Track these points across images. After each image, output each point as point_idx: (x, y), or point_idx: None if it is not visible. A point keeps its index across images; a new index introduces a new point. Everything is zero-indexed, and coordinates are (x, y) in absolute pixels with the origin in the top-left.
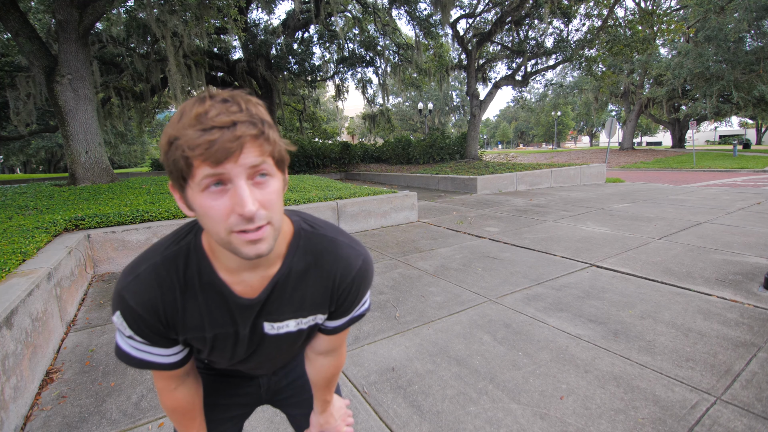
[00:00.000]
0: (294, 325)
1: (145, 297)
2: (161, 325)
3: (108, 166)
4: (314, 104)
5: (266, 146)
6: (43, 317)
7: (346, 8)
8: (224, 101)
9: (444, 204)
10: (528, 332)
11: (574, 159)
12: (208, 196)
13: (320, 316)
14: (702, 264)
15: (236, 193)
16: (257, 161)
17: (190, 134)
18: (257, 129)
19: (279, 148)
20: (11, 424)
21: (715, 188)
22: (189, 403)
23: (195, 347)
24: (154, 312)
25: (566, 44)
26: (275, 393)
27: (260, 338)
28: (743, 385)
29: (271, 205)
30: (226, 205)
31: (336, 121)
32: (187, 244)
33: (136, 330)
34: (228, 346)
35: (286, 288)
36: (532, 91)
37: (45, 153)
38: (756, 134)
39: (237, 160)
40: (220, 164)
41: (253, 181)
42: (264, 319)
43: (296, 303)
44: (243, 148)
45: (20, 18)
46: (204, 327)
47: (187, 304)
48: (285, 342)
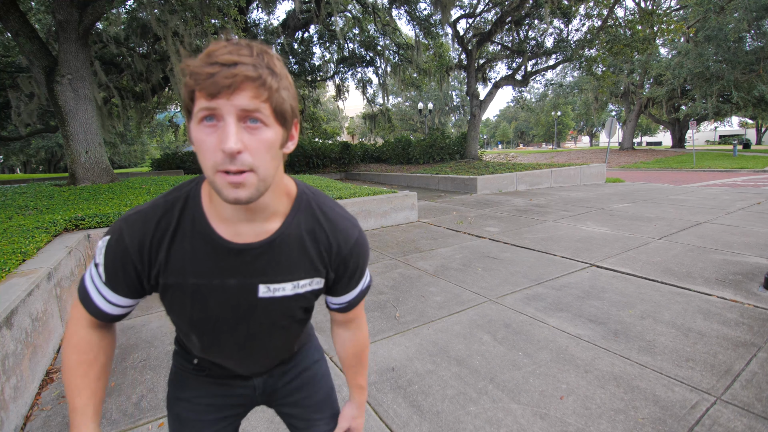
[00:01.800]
0: (290, 288)
1: (139, 231)
2: (140, 262)
3: (108, 166)
4: (314, 104)
5: (262, 91)
6: (43, 317)
7: (346, 8)
8: (238, 45)
9: (444, 204)
10: (528, 332)
11: (574, 159)
12: (201, 129)
13: (317, 280)
14: (702, 264)
15: (223, 129)
16: (249, 104)
17: (196, 65)
18: (256, 72)
19: (280, 98)
20: (11, 424)
21: (715, 188)
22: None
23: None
24: (140, 248)
25: (566, 44)
26: (270, 394)
27: (253, 302)
28: (743, 385)
29: (258, 152)
30: (214, 141)
31: (336, 121)
32: (186, 191)
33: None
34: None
35: (286, 246)
36: (532, 91)
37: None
38: (756, 134)
39: (229, 98)
40: (213, 98)
41: (245, 125)
42: (259, 279)
43: (294, 263)
44: (237, 87)
45: (20, 18)
46: (185, 272)
47: (174, 246)
48: (280, 312)
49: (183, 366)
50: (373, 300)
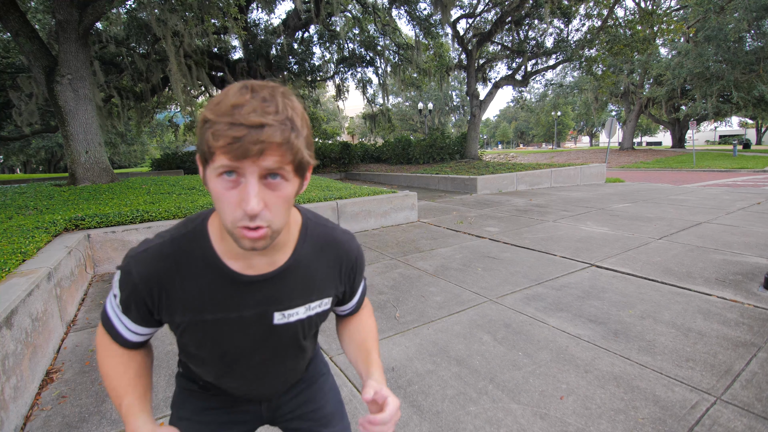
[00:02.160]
0: (303, 312)
1: (148, 270)
2: (151, 300)
3: (108, 166)
4: (314, 104)
5: (288, 155)
6: (43, 317)
7: (346, 8)
8: (264, 100)
9: (444, 204)
10: (528, 332)
11: (574, 159)
12: (221, 182)
13: (326, 300)
14: (702, 264)
15: (245, 189)
16: (275, 166)
17: (219, 124)
18: (283, 137)
19: (302, 156)
20: (11, 424)
21: (715, 188)
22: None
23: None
24: (149, 287)
25: (566, 44)
26: (277, 409)
27: (269, 330)
28: (743, 385)
29: (276, 208)
30: (235, 198)
31: (336, 121)
32: (194, 228)
33: (124, 295)
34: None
35: (297, 273)
36: (532, 91)
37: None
38: (756, 134)
39: (255, 161)
40: (239, 161)
41: (265, 181)
42: (274, 308)
43: (306, 288)
44: (264, 152)
45: (20, 18)
46: (203, 309)
47: (187, 283)
48: (293, 335)
49: (187, 388)
50: (373, 300)
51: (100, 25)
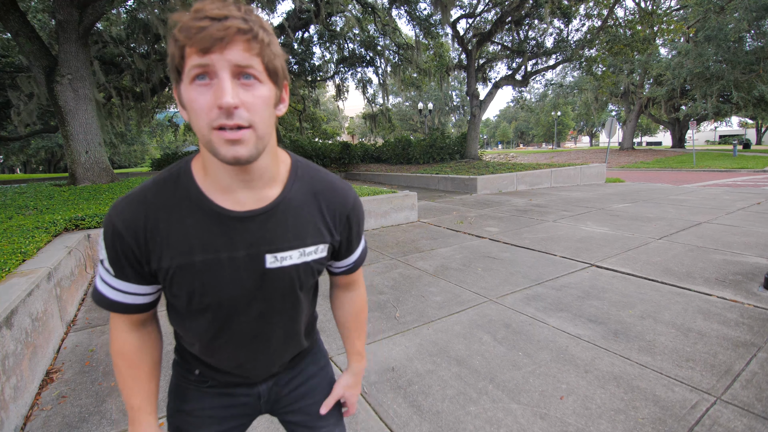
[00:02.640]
0: (298, 256)
1: (130, 215)
2: (137, 248)
3: (108, 166)
4: (314, 104)
5: (254, 45)
6: (43, 317)
7: (346, 8)
8: (225, 1)
9: (444, 204)
10: (528, 332)
11: (574, 159)
12: (194, 89)
13: (321, 247)
14: (702, 264)
15: (218, 85)
16: (243, 59)
17: (185, 21)
18: (247, 25)
19: (271, 53)
20: (11, 424)
21: (715, 188)
22: (137, 350)
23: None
24: (134, 231)
25: (566, 44)
26: (275, 402)
27: (261, 273)
28: (743, 385)
29: (254, 108)
30: (209, 99)
31: (336, 121)
32: (177, 168)
33: (110, 252)
34: (223, 280)
35: (289, 212)
36: (532, 91)
37: (45, 153)
38: (756, 134)
39: (222, 52)
40: (206, 53)
41: (240, 81)
42: (266, 249)
43: (299, 230)
44: (229, 40)
45: (20, 18)
46: (192, 250)
47: (173, 225)
48: (288, 282)
49: (184, 377)
50: (373, 300)
51: (100, 25)
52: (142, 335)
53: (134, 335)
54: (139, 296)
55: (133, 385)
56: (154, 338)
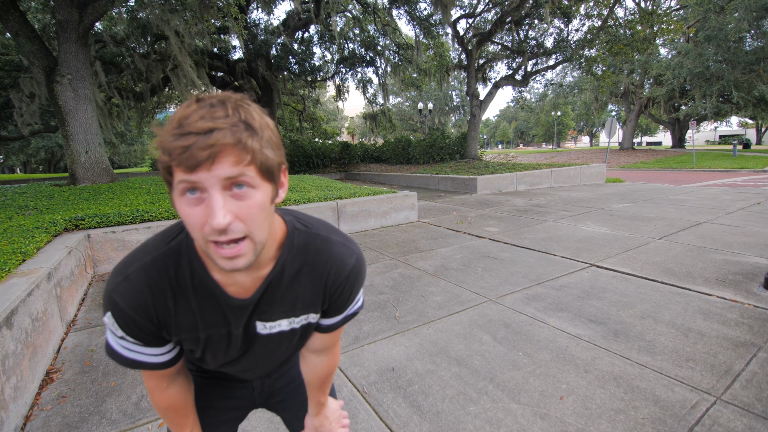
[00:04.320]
0: (286, 325)
1: (136, 299)
2: (153, 325)
3: (108, 166)
4: (314, 104)
5: (245, 156)
6: (43, 317)
7: (346, 8)
8: (212, 106)
9: (444, 204)
10: (528, 332)
11: (574, 159)
12: (185, 202)
13: (312, 315)
14: (702, 264)
15: (209, 204)
16: (233, 172)
17: (168, 138)
18: (235, 138)
19: (264, 156)
20: (11, 424)
21: (715, 188)
22: (181, 400)
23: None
24: (145, 313)
25: (566, 44)
26: (269, 396)
27: (252, 338)
28: (743, 385)
29: (250, 218)
30: (201, 215)
31: (336, 121)
32: (178, 244)
33: (128, 331)
34: (221, 346)
35: (279, 288)
36: (532, 91)
37: (45, 153)
38: (756, 134)
39: (210, 169)
40: (193, 172)
41: (231, 192)
42: (257, 318)
43: (289, 303)
44: (216, 157)
45: (20, 18)
46: (197, 327)
47: (179, 305)
48: (277, 342)
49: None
50: (373, 300)
51: (100, 25)
52: (179, 384)
53: (173, 388)
54: (163, 355)
55: (182, 422)
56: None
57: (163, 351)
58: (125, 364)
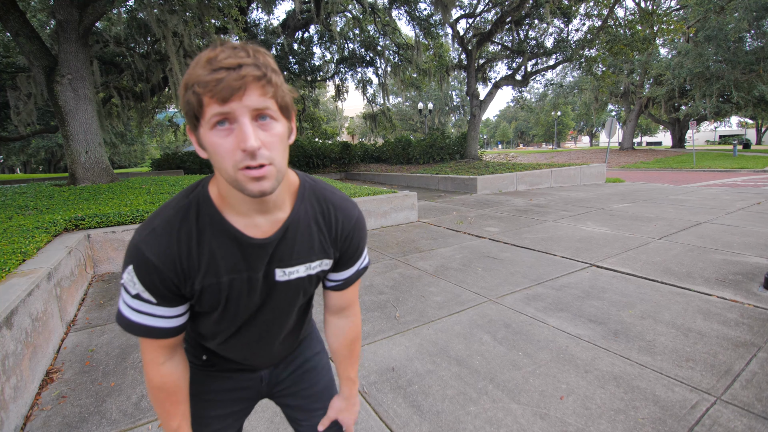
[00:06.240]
0: (304, 271)
1: (163, 248)
2: (176, 276)
3: (108, 166)
4: (314, 104)
5: (269, 89)
6: (43, 317)
7: (346, 8)
8: (234, 48)
9: (444, 204)
10: (528, 332)
11: (574, 159)
12: (216, 134)
13: (326, 261)
14: (702, 264)
15: (240, 130)
16: (260, 103)
17: (200, 74)
18: (260, 71)
19: (282, 92)
20: (11, 424)
21: (715, 188)
22: (174, 381)
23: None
24: (171, 262)
25: (566, 44)
26: (275, 385)
27: (272, 286)
28: (743, 385)
29: (273, 146)
30: (232, 143)
31: (336, 121)
32: (196, 196)
33: (147, 284)
34: (243, 292)
35: (297, 232)
36: (532, 91)
37: (45, 153)
38: (756, 134)
39: (241, 99)
40: (226, 102)
41: (257, 123)
42: (276, 266)
43: (306, 247)
44: (246, 87)
45: (20, 18)
46: (220, 272)
47: (203, 250)
48: (294, 292)
49: (191, 362)
50: (373, 300)
51: (100, 25)
52: (175, 363)
53: (169, 366)
54: (179, 317)
55: (170, 410)
56: (185, 363)
57: (172, 314)
58: (131, 330)
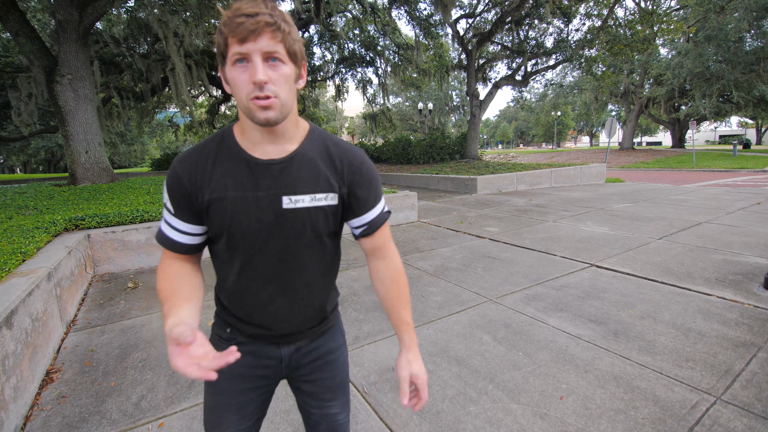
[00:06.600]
0: (309, 201)
1: (187, 162)
2: (190, 184)
3: (108, 166)
4: (314, 104)
5: (278, 34)
6: (43, 317)
7: (346, 8)
8: (255, 1)
9: (444, 204)
10: (528, 332)
11: (574, 159)
12: (235, 69)
13: (331, 195)
14: (702, 264)
15: (253, 67)
16: (269, 46)
17: (227, 17)
18: (272, 19)
19: (291, 40)
20: (11, 424)
21: (715, 188)
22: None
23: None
24: (189, 173)
25: (566, 44)
26: (294, 369)
27: (279, 213)
28: (743, 385)
29: (279, 83)
30: (246, 77)
31: (336, 121)
32: (222, 130)
33: (170, 191)
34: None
35: (303, 162)
36: (532, 91)
37: (45, 153)
38: (756, 134)
39: (255, 41)
40: (243, 43)
41: (268, 63)
42: (282, 191)
43: (312, 177)
44: (260, 32)
45: (20, 18)
46: (226, 187)
47: (216, 168)
48: (302, 223)
49: (218, 336)
50: (373, 300)
51: (100, 25)
52: (183, 267)
53: (177, 264)
54: (189, 236)
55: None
56: (195, 271)
57: (185, 229)
58: (157, 237)
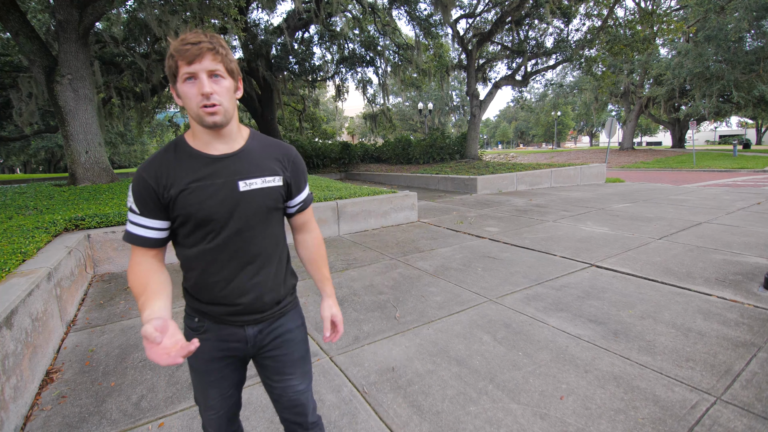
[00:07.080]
0: (261, 183)
1: (150, 167)
2: (156, 185)
3: (108, 166)
4: (314, 104)
5: (218, 56)
6: (43, 317)
7: (346, 8)
8: (197, 33)
9: (444, 204)
10: (528, 332)
11: (574, 159)
12: (186, 85)
13: (278, 178)
14: (702, 264)
15: (200, 82)
16: (212, 66)
17: (176, 46)
18: (212, 45)
19: (228, 60)
20: (11, 424)
21: (715, 188)
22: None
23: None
24: (154, 176)
25: (566, 44)
26: (259, 348)
27: (238, 197)
28: (743, 385)
29: (222, 93)
30: (195, 91)
31: (336, 121)
32: (175, 139)
33: (137, 195)
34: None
35: (251, 154)
36: (532, 91)
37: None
38: (756, 134)
39: (201, 62)
40: (191, 64)
41: (212, 79)
42: (237, 177)
43: (260, 164)
44: (203, 54)
45: (20, 18)
46: (188, 180)
47: (177, 167)
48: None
49: (188, 326)
50: (373, 300)
51: (100, 25)
52: (151, 264)
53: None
54: (156, 231)
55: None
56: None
57: (152, 225)
58: (125, 237)
